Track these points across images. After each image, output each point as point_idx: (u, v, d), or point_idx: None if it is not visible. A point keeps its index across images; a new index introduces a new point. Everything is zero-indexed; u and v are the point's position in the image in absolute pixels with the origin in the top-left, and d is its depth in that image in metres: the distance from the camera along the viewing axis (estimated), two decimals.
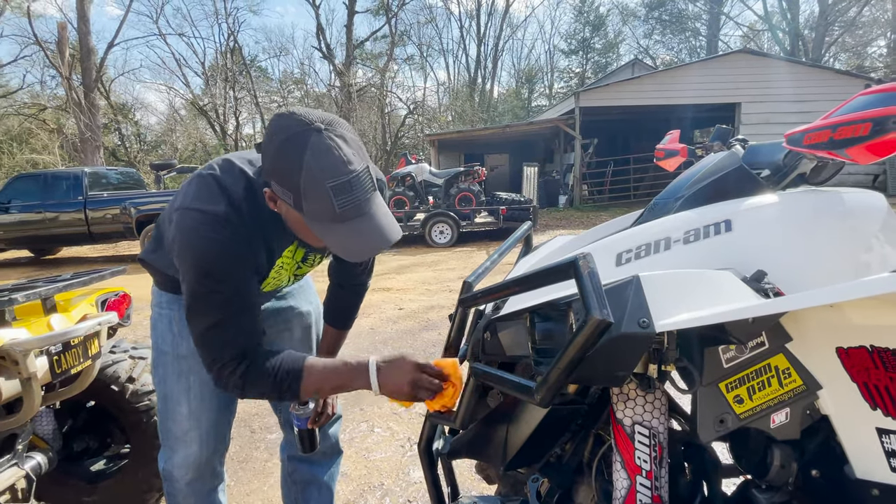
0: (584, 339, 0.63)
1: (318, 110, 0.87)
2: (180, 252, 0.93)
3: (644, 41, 31.66)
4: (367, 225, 0.86)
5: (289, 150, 0.82)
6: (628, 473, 0.85)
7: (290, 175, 0.82)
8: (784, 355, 0.80)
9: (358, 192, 0.83)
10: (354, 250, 0.88)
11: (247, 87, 24.64)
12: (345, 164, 0.82)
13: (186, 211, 0.93)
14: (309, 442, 1.23)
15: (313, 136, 0.82)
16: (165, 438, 1.23)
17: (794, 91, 12.42)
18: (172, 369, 1.19)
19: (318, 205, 0.82)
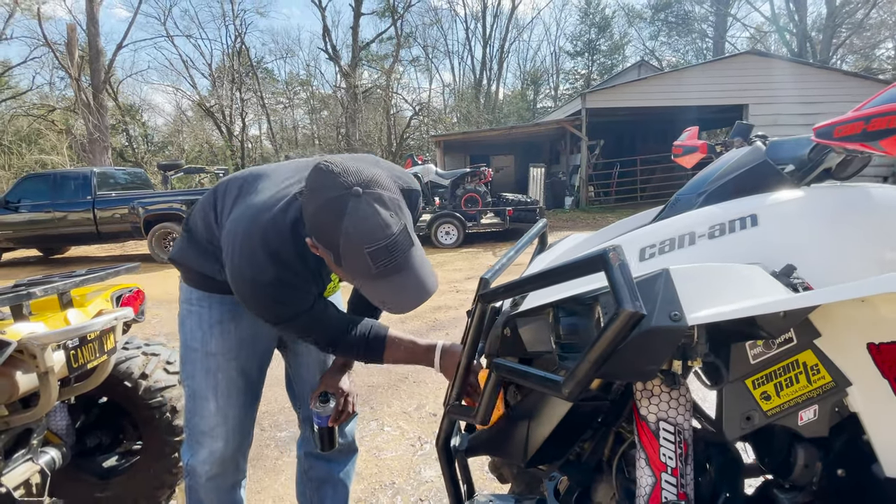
0: (615, 332, 0.62)
1: (355, 163, 0.90)
2: (241, 301, 1.03)
3: (650, 43, 31.64)
4: (405, 281, 0.90)
5: (328, 214, 0.85)
6: (653, 470, 0.83)
7: (330, 237, 0.86)
8: (812, 351, 0.79)
9: (396, 253, 0.87)
10: (392, 305, 0.92)
11: (253, 88, 24.77)
12: (382, 228, 0.84)
13: (238, 273, 0.99)
14: (329, 440, 1.23)
15: (351, 202, 0.84)
16: (191, 433, 1.24)
17: (802, 92, 12.34)
18: (201, 366, 1.20)
19: (356, 265, 0.86)
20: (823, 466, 0.90)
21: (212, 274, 1.17)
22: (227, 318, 1.21)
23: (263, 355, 1.29)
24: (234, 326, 1.21)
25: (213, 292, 1.20)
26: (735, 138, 1.19)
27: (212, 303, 1.20)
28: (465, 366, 1.03)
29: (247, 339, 1.23)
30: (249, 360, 1.24)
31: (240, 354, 1.22)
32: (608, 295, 0.73)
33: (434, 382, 2.85)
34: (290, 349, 1.37)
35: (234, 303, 1.20)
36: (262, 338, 1.26)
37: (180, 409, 1.76)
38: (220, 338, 1.20)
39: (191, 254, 1.19)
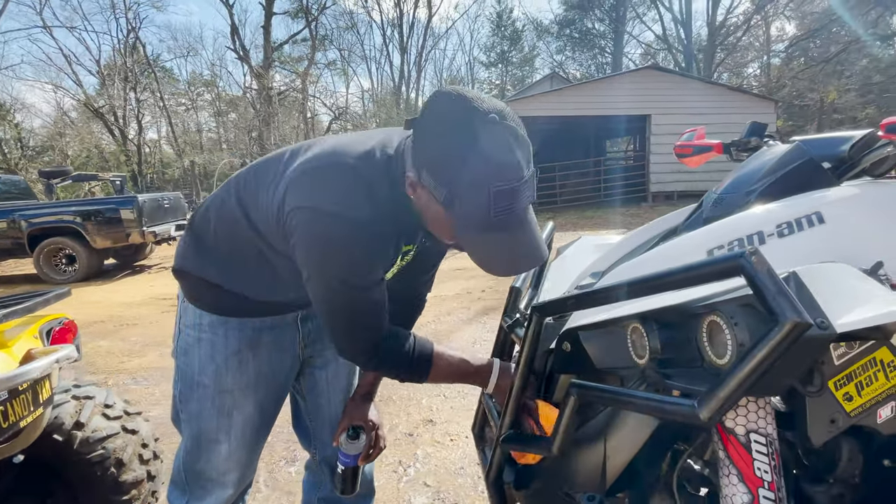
0: (775, 345, 0.55)
1: (487, 95, 0.76)
2: (311, 258, 0.84)
3: (558, 56, 33.53)
4: (519, 238, 0.77)
5: (455, 139, 0.72)
6: (748, 486, 0.78)
7: (450, 168, 0.72)
8: (888, 348, 0.78)
9: (520, 201, 0.74)
10: (498, 264, 0.79)
11: (150, 87, 22.60)
12: (515, 167, 0.72)
13: (320, 213, 0.79)
14: (353, 481, 1.07)
15: (487, 127, 0.71)
16: (194, 481, 1.05)
17: (693, 104, 13.71)
18: (213, 405, 1.01)
19: (473, 206, 0.72)
20: (866, 459, 0.91)
21: (238, 289, 0.97)
22: (246, 346, 1.01)
23: (282, 388, 1.10)
24: (252, 356, 1.02)
25: (230, 316, 1.00)
26: (751, 138, 1.20)
27: (228, 329, 1.00)
28: (519, 387, 0.93)
29: (266, 372, 1.04)
30: (268, 395, 1.06)
31: (258, 389, 1.03)
32: (733, 303, 0.66)
33: (402, 400, 2.68)
34: (308, 375, 1.18)
35: (253, 328, 1.02)
36: (282, 368, 1.08)
37: (128, 460, 1.46)
38: (237, 371, 1.00)
39: (206, 264, 0.98)
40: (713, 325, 0.68)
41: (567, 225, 10.50)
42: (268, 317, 1.03)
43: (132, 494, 1.48)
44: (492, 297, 4.83)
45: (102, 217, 7.16)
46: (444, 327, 3.96)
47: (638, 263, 0.93)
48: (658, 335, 0.74)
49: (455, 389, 2.78)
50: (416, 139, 0.77)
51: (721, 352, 0.67)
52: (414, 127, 0.79)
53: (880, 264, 0.77)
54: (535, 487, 1.14)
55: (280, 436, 2.29)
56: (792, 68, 23.17)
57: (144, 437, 1.56)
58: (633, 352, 0.79)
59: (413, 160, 0.78)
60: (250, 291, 0.98)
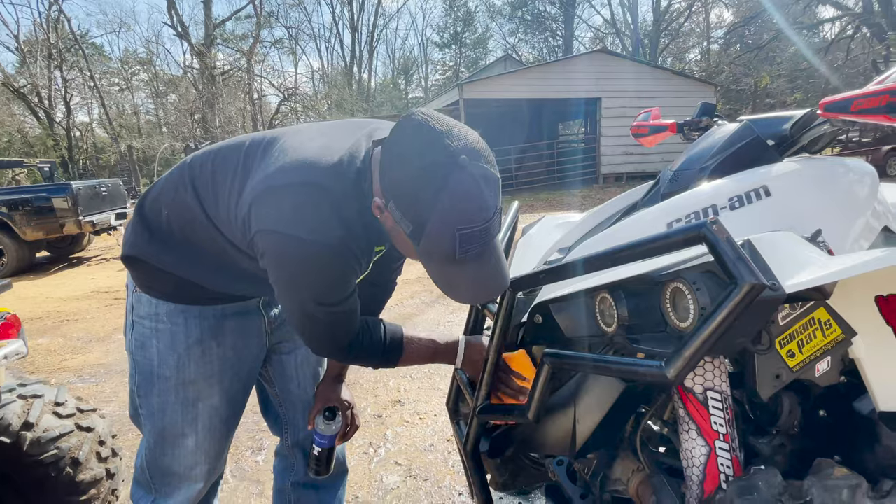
0: (734, 306, 0.60)
1: (457, 124, 0.76)
2: (282, 280, 0.82)
3: (511, 39, 33.63)
4: (484, 269, 0.78)
5: (424, 182, 0.71)
6: (706, 440, 0.85)
7: (418, 209, 0.72)
8: (825, 308, 0.86)
9: (486, 239, 0.74)
10: (461, 294, 0.80)
11: (78, 66, 20.90)
12: (481, 210, 0.72)
13: (291, 239, 0.77)
14: (327, 462, 1.07)
15: (455, 174, 0.71)
16: (160, 478, 1.01)
17: (640, 88, 14.17)
18: (176, 398, 0.97)
19: (439, 245, 0.73)
20: (804, 410, 1.00)
21: (196, 279, 0.92)
22: (208, 335, 0.97)
23: (249, 375, 1.07)
24: (216, 344, 0.98)
25: (190, 304, 0.95)
26: (702, 117, 1.27)
27: (188, 318, 0.96)
28: (493, 361, 0.96)
29: (231, 359, 1.01)
30: (234, 384, 1.03)
31: (224, 378, 1.00)
32: (694, 270, 0.71)
33: (369, 383, 2.69)
34: (275, 362, 1.16)
35: (215, 315, 0.98)
36: (248, 355, 1.05)
37: (84, 459, 1.40)
38: (200, 360, 0.96)
39: (160, 251, 0.92)
40: (676, 291, 0.73)
41: (524, 207, 10.68)
42: (230, 304, 1.00)
43: (91, 494, 1.42)
44: None
45: (32, 207, 6.64)
46: (407, 310, 3.98)
47: (603, 238, 0.98)
48: (625, 303, 0.78)
49: (421, 370, 2.81)
50: (384, 166, 0.76)
51: (683, 316, 0.72)
52: (382, 150, 0.78)
53: (819, 232, 0.85)
54: (508, 455, 1.19)
55: (244, 426, 2.25)
56: (729, 54, 24.34)
57: (101, 435, 1.49)
58: (601, 321, 0.84)
59: (381, 185, 0.77)
60: (210, 282, 0.94)
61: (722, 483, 0.79)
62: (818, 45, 20.07)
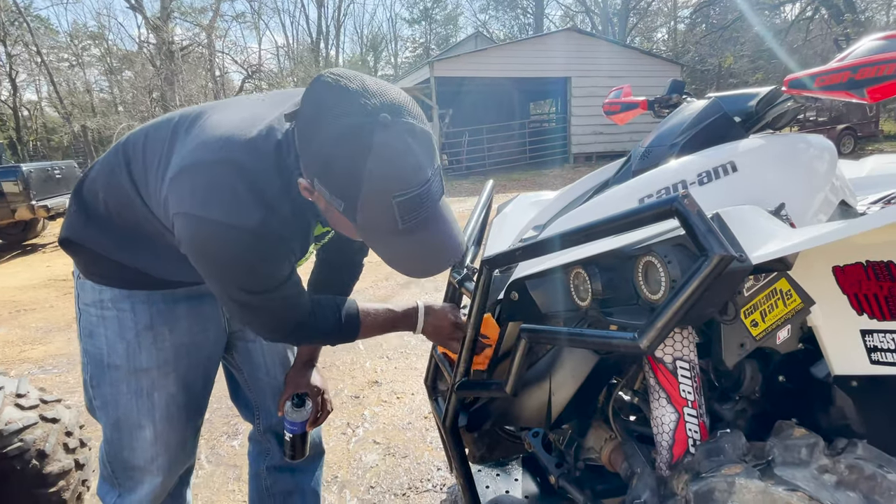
0: (704, 277, 0.62)
1: (373, 80, 0.67)
2: (202, 268, 0.77)
3: (481, 15, 33.19)
4: (432, 238, 0.71)
5: (344, 151, 0.63)
6: (675, 407, 0.88)
7: (345, 183, 0.65)
8: (786, 279, 0.90)
9: (428, 203, 0.68)
10: (415, 267, 0.74)
11: (23, 40, 19.55)
12: (416, 171, 0.65)
13: (204, 222, 0.70)
14: (301, 446, 1.07)
15: (378, 135, 0.63)
16: (120, 472, 0.97)
17: (610, 67, 14.27)
18: (128, 387, 0.92)
19: (377, 218, 0.66)
20: (765, 377, 1.06)
21: (133, 263, 0.88)
22: (159, 320, 0.93)
23: (209, 362, 1.03)
24: (168, 330, 0.94)
25: (135, 288, 0.91)
26: (672, 94, 1.29)
27: (135, 303, 0.91)
28: (472, 338, 0.96)
29: (186, 345, 0.97)
30: (192, 371, 0.99)
31: (179, 365, 0.96)
32: (666, 244, 0.73)
33: (345, 364, 2.69)
34: (241, 349, 1.12)
35: (165, 300, 0.93)
36: (205, 340, 1.01)
37: (51, 451, 1.35)
38: (151, 347, 0.92)
39: (97, 234, 0.87)
40: (648, 264, 0.75)
41: (497, 188, 10.70)
42: (180, 288, 0.95)
43: (60, 486, 1.38)
44: None
45: None
46: (382, 292, 3.97)
47: (577, 214, 0.99)
48: (599, 278, 0.80)
49: (398, 350, 2.82)
50: (301, 140, 0.68)
51: (655, 288, 0.74)
52: (296, 123, 0.69)
53: (783, 206, 0.88)
54: (485, 429, 1.21)
55: (218, 411, 2.22)
56: (695, 34, 24.69)
57: (68, 425, 1.44)
58: (575, 295, 0.85)
59: (303, 163, 0.70)
60: (150, 267, 0.89)
61: (690, 447, 0.82)
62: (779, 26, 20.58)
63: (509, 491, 1.26)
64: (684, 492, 0.70)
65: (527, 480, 1.29)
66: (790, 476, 0.68)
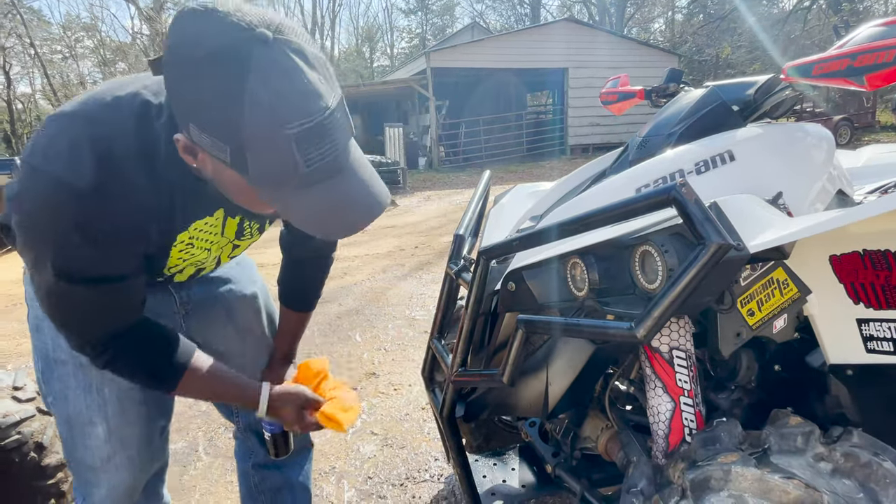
0: (701, 266, 0.62)
1: (253, 6, 0.57)
2: (20, 228, 0.66)
3: (478, 6, 32.92)
4: (346, 188, 0.60)
5: (218, 76, 0.52)
6: (671, 396, 0.88)
7: (224, 117, 0.53)
8: (783, 268, 0.90)
9: (333, 139, 0.56)
10: (329, 225, 0.62)
11: (16, 32, 19.32)
12: (313, 94, 0.54)
13: (36, 172, 0.62)
14: (284, 444, 1.04)
15: (258, 50, 0.52)
16: (78, 472, 0.93)
17: (607, 58, 14.20)
18: (76, 382, 0.88)
19: (272, 164, 0.55)
20: (761, 366, 1.06)
21: None
22: None
23: None
24: None
25: None
26: (670, 84, 1.28)
27: None
28: (469, 329, 0.96)
29: None
30: None
31: None
32: (663, 233, 0.72)
33: (343, 357, 2.69)
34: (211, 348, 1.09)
35: None
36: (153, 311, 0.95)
37: (49, 443, 1.35)
38: None
39: None
40: (645, 254, 0.74)
41: (494, 180, 10.67)
42: None
43: (59, 478, 1.38)
44: (425, 253, 4.87)
45: None
46: (379, 285, 3.96)
47: (574, 204, 0.98)
48: (596, 268, 0.79)
49: (395, 342, 2.83)
50: (170, 84, 0.57)
51: (652, 278, 0.74)
52: (164, 66, 0.57)
53: (780, 194, 0.88)
54: (483, 419, 1.21)
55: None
56: (692, 24, 24.56)
57: None
58: (573, 285, 0.85)
59: (176, 114, 0.58)
60: None
61: (686, 436, 0.83)
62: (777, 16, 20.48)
63: (506, 480, 1.27)
64: (680, 480, 0.70)
65: (524, 470, 1.30)
66: (786, 464, 0.68)
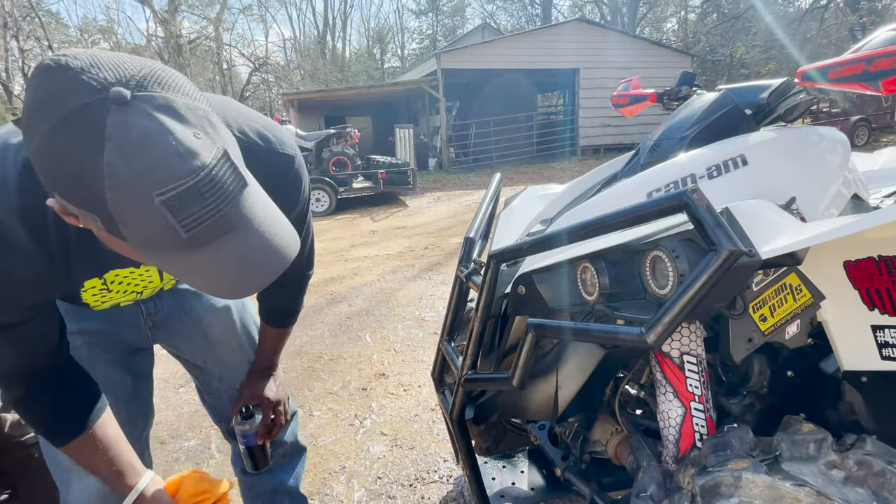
0: (712, 272, 0.62)
1: (113, 55, 0.51)
2: None
3: (489, 6, 32.89)
4: (240, 246, 0.53)
5: (70, 146, 0.47)
6: (682, 401, 0.88)
7: (84, 190, 0.48)
8: (796, 274, 0.90)
9: (216, 197, 0.50)
10: (224, 286, 0.56)
11: (35, 35, 19.70)
12: (181, 157, 0.48)
13: None
14: (260, 456, 1.04)
15: (113, 115, 0.46)
16: (55, 471, 0.93)
17: (619, 58, 14.09)
18: None
19: (147, 230, 0.49)
20: (773, 371, 1.05)
21: None
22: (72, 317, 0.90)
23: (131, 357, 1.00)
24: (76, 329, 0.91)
25: None
26: (682, 87, 1.27)
27: None
28: (479, 332, 0.97)
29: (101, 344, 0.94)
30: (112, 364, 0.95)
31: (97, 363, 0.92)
32: (674, 238, 0.72)
33: (352, 357, 2.70)
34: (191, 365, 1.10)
35: None
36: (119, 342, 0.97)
37: None
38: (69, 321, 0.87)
39: None
40: (656, 259, 0.74)
41: (505, 181, 10.63)
42: None
43: None
44: (434, 254, 4.88)
45: None
46: (389, 285, 3.98)
47: (585, 208, 0.98)
48: (606, 272, 0.79)
49: (405, 343, 2.84)
50: (28, 150, 0.51)
51: (662, 283, 0.74)
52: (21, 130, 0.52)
53: (793, 199, 0.87)
54: (492, 421, 1.22)
55: None
56: (706, 24, 24.29)
57: None
58: (583, 290, 0.85)
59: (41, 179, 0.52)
60: None
61: (697, 441, 0.82)
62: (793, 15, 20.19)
63: (515, 483, 1.27)
64: (690, 486, 0.70)
65: (533, 473, 1.30)
66: (797, 471, 0.67)
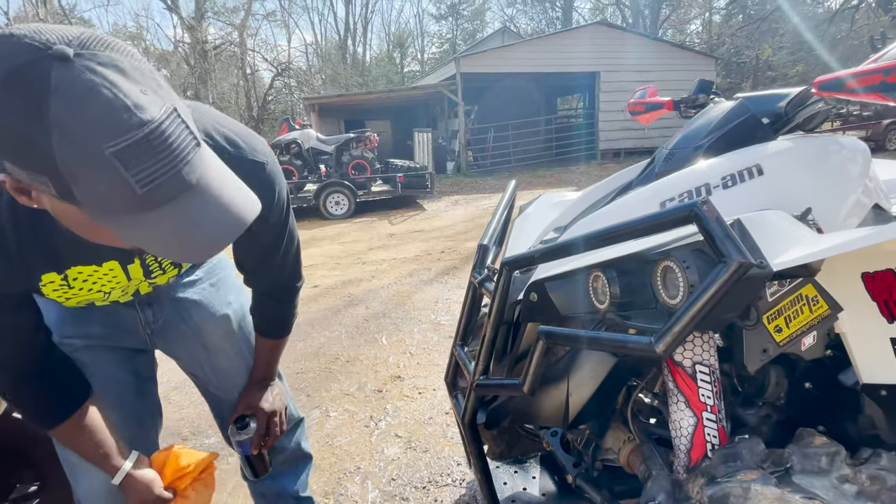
0: (722, 284, 0.62)
1: (58, 26, 0.51)
2: None
3: (509, 10, 32.89)
4: (197, 206, 0.53)
5: (14, 102, 0.46)
6: (694, 411, 0.88)
7: (32, 147, 0.47)
8: (812, 285, 0.89)
9: (170, 153, 0.50)
10: (181, 248, 0.55)
11: None
12: (128, 109, 0.47)
13: None
14: (259, 465, 1.05)
15: (56, 72, 0.46)
16: (65, 466, 0.96)
17: (640, 61, 13.92)
18: None
19: (100, 187, 0.48)
20: (790, 383, 1.04)
21: None
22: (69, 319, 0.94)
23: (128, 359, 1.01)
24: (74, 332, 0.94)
25: None
26: (699, 94, 1.27)
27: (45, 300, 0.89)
28: (491, 338, 0.98)
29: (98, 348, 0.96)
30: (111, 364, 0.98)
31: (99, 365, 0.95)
32: (685, 249, 0.73)
33: (368, 359, 2.74)
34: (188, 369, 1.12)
35: None
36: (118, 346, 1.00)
37: None
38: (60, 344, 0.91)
39: None
40: (667, 269, 0.75)
41: (522, 185, 10.65)
42: None
43: None
44: (451, 258, 4.90)
45: None
46: (405, 288, 4.01)
47: (598, 217, 0.99)
48: (618, 281, 0.80)
49: (420, 346, 2.86)
50: None
51: (673, 293, 0.74)
52: None
53: (809, 210, 0.86)
54: (504, 426, 1.23)
55: None
56: (731, 25, 23.85)
57: None
58: (594, 298, 0.86)
59: None
60: None
61: (708, 451, 0.82)
62: (822, 16, 19.70)
63: (527, 488, 1.28)
64: (699, 496, 0.70)
65: (544, 478, 1.30)
66: (808, 484, 0.67)
